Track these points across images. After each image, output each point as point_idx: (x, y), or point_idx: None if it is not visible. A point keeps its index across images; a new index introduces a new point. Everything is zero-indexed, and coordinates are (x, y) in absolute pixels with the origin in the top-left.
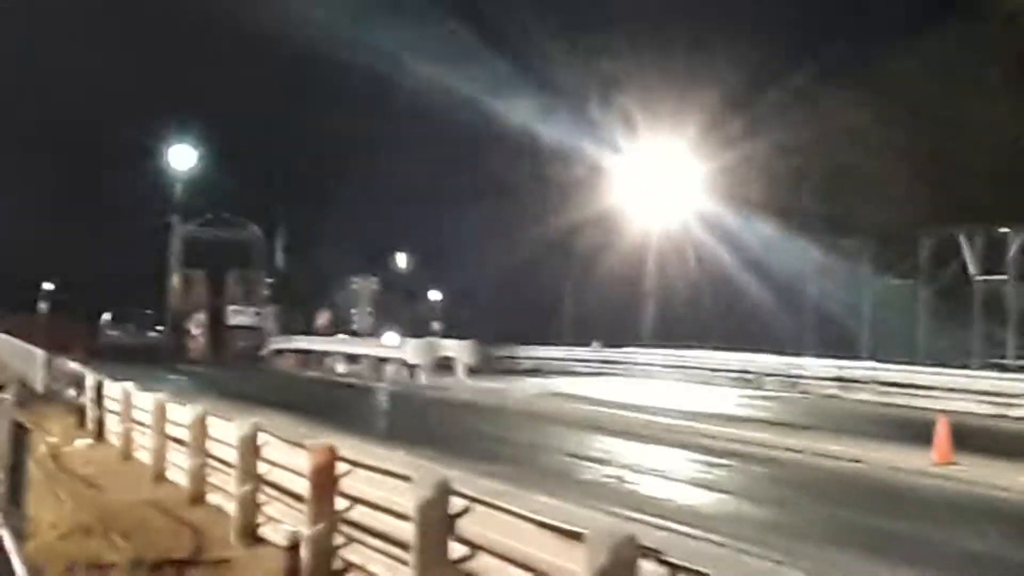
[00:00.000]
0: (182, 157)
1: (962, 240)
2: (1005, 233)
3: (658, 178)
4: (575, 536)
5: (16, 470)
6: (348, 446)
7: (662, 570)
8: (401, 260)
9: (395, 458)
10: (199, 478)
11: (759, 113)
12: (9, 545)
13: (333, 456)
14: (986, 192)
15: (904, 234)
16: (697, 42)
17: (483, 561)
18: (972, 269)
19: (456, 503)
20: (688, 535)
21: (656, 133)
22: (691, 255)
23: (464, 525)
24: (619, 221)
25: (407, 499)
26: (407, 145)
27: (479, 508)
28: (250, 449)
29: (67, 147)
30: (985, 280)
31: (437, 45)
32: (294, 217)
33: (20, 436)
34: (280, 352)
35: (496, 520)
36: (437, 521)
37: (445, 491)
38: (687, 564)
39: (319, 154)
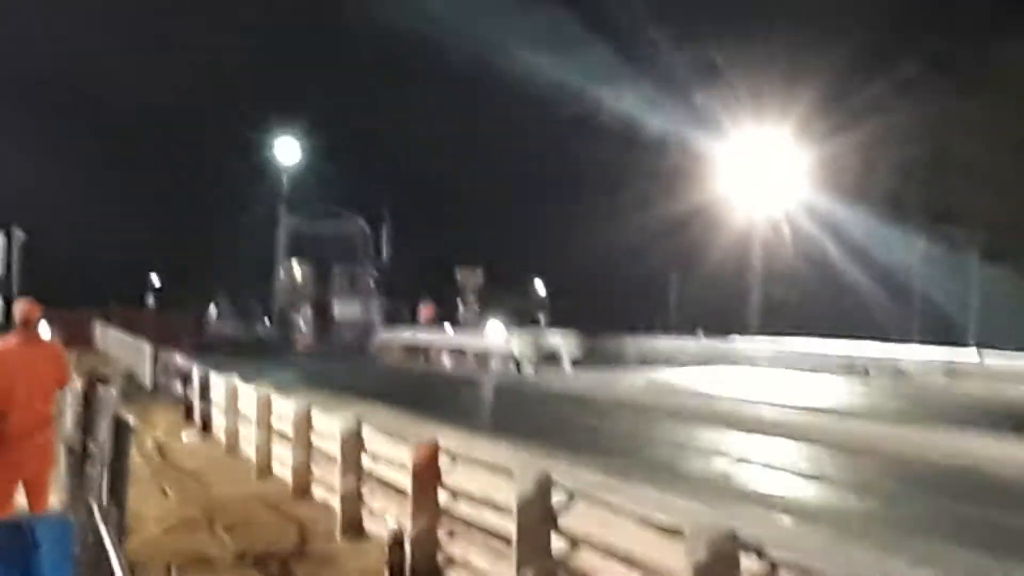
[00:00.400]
0: (288, 150)
1: None
2: None
3: (762, 167)
4: (675, 531)
5: (117, 467)
6: (451, 440)
7: (763, 565)
8: (507, 250)
9: (497, 451)
10: (304, 472)
11: (865, 101)
12: (109, 543)
13: (435, 450)
14: None
15: (1013, 223)
16: (803, 29)
17: (584, 555)
18: None
19: (557, 496)
20: (793, 529)
21: (761, 121)
22: (796, 244)
23: (565, 519)
24: (724, 210)
25: (508, 493)
26: (511, 134)
27: (580, 502)
28: (353, 443)
29: (175, 140)
30: None
31: (541, 33)
32: (399, 209)
33: (122, 432)
34: (386, 345)
35: (597, 514)
36: (537, 515)
37: (546, 484)
38: (788, 558)
39: (424, 145)
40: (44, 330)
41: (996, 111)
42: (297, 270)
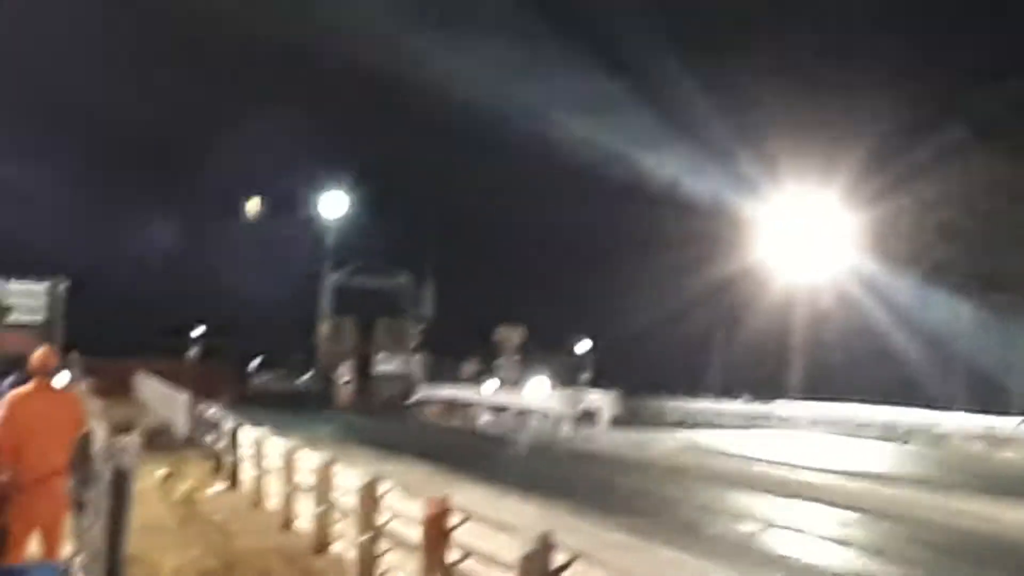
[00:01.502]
0: (333, 204)
1: None
2: None
3: (806, 231)
4: None
5: (115, 516)
6: (462, 497)
7: None
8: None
9: (504, 510)
10: (324, 526)
11: (909, 166)
12: None
13: (446, 507)
14: None
15: None
16: (847, 95)
17: None
18: None
19: (558, 557)
20: None
21: (804, 186)
22: (840, 308)
23: None
24: (767, 273)
25: (512, 551)
26: (557, 195)
27: (579, 562)
28: (370, 498)
29: (218, 193)
30: None
31: (588, 99)
32: (443, 265)
33: (122, 482)
34: (426, 401)
35: (594, 575)
36: (539, 573)
37: (547, 545)
38: None
39: (470, 202)
40: (62, 378)
41: None
42: (340, 325)
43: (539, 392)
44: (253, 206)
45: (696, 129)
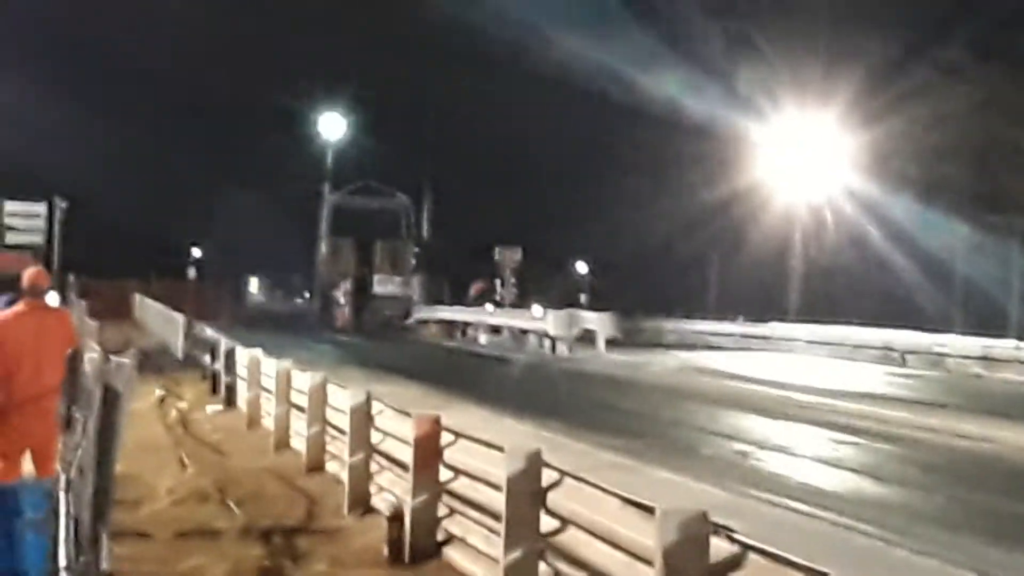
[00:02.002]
0: (332, 125)
1: None
2: None
3: (805, 152)
4: (649, 511)
5: (105, 436)
6: (456, 417)
7: (733, 547)
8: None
9: (496, 429)
10: (318, 446)
11: (908, 86)
12: (63, 512)
13: (437, 426)
14: None
15: None
16: (846, 14)
17: (571, 534)
18: None
19: (548, 475)
20: (802, 512)
21: (803, 107)
22: (838, 229)
23: (554, 498)
24: (765, 195)
25: (501, 471)
26: (555, 116)
27: (568, 481)
28: (363, 418)
29: (220, 115)
30: None
31: (586, 16)
32: (442, 187)
33: (112, 401)
34: (424, 322)
35: (583, 494)
36: (527, 493)
37: (536, 463)
38: (757, 543)
39: (469, 124)
40: (52, 298)
41: None
42: (339, 245)
43: (536, 313)
44: None
45: (695, 50)
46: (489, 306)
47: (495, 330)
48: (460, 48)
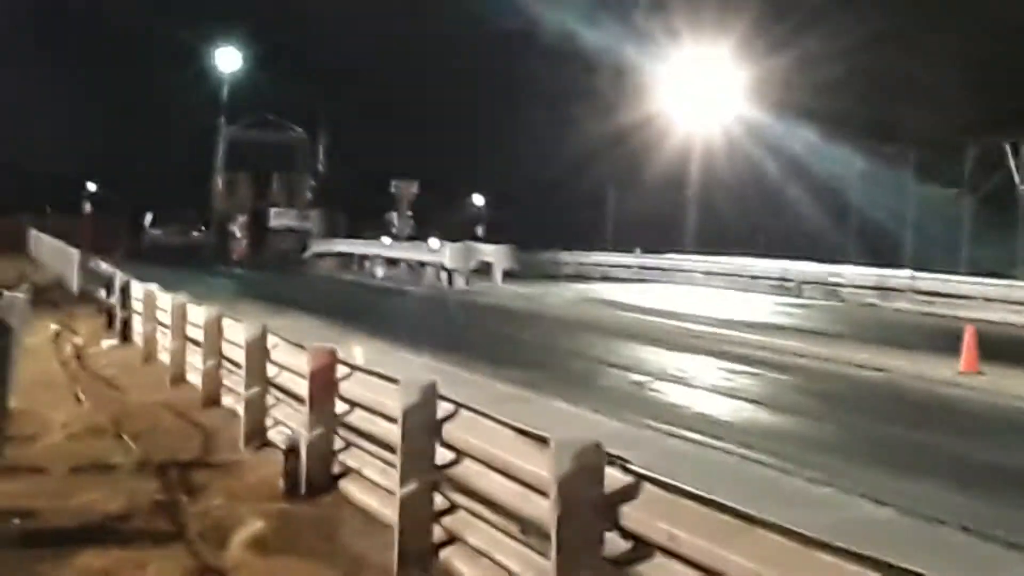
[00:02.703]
0: (228, 58)
1: (1007, 148)
2: None
3: (701, 84)
4: (544, 442)
5: None
6: (351, 349)
7: (627, 478)
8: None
9: (391, 362)
10: (214, 380)
11: (804, 17)
12: None
13: (333, 359)
14: None
15: (949, 142)
16: None
17: (466, 466)
18: (1018, 178)
19: (442, 408)
20: (698, 443)
21: (700, 39)
22: (734, 162)
23: (449, 430)
24: (662, 128)
25: (397, 403)
26: (450, 49)
27: (463, 413)
28: (259, 351)
29: (113, 48)
30: None
31: None
32: (339, 120)
33: (3, 335)
34: (321, 255)
35: (478, 425)
36: (422, 425)
37: (431, 396)
38: (652, 474)
39: (365, 58)
40: None
41: (937, 27)
42: (235, 179)
43: (434, 245)
44: None
45: None
46: (386, 239)
47: (392, 263)
48: None
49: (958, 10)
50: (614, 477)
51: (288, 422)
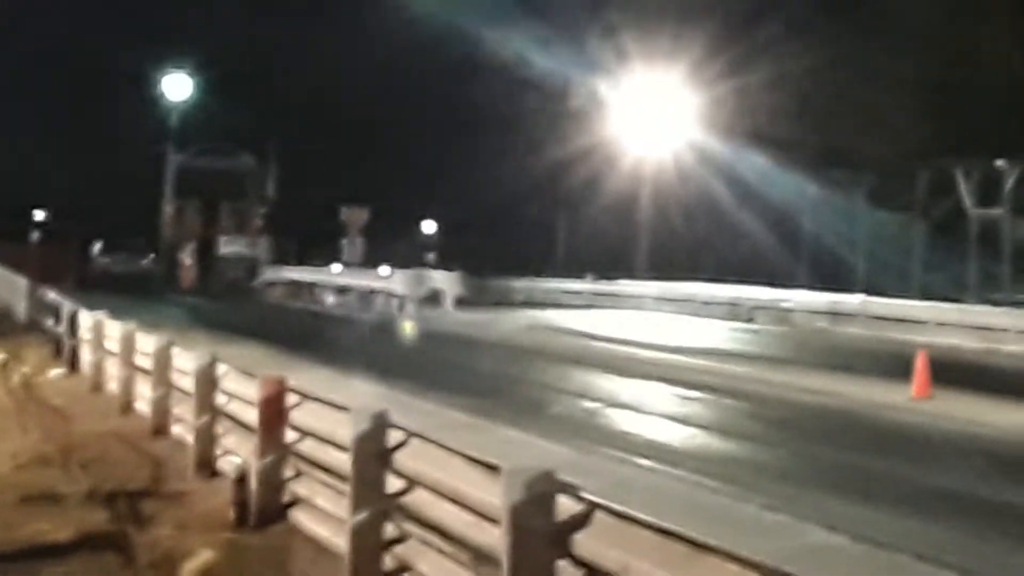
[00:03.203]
0: (177, 86)
1: (958, 173)
2: (1002, 166)
3: (653, 110)
4: (495, 470)
5: None
6: (301, 378)
7: (580, 506)
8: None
9: (341, 390)
10: (163, 409)
11: (757, 42)
12: None
13: (283, 387)
14: (987, 124)
15: (901, 167)
16: None
17: (418, 494)
18: (968, 203)
19: (393, 436)
20: (650, 469)
21: (652, 64)
22: (686, 188)
23: (400, 458)
24: (614, 153)
25: (348, 431)
26: (402, 74)
27: (414, 441)
28: (208, 380)
29: (62, 75)
30: (981, 214)
31: None
32: (288, 147)
33: None
34: (271, 283)
35: (429, 454)
36: (373, 453)
37: (382, 424)
38: (604, 501)
39: (315, 83)
40: None
41: (888, 52)
42: (184, 207)
43: (384, 272)
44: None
45: (543, 5)
46: (336, 266)
47: (342, 291)
48: (305, 6)
49: (908, 37)
50: (566, 505)
51: (238, 451)
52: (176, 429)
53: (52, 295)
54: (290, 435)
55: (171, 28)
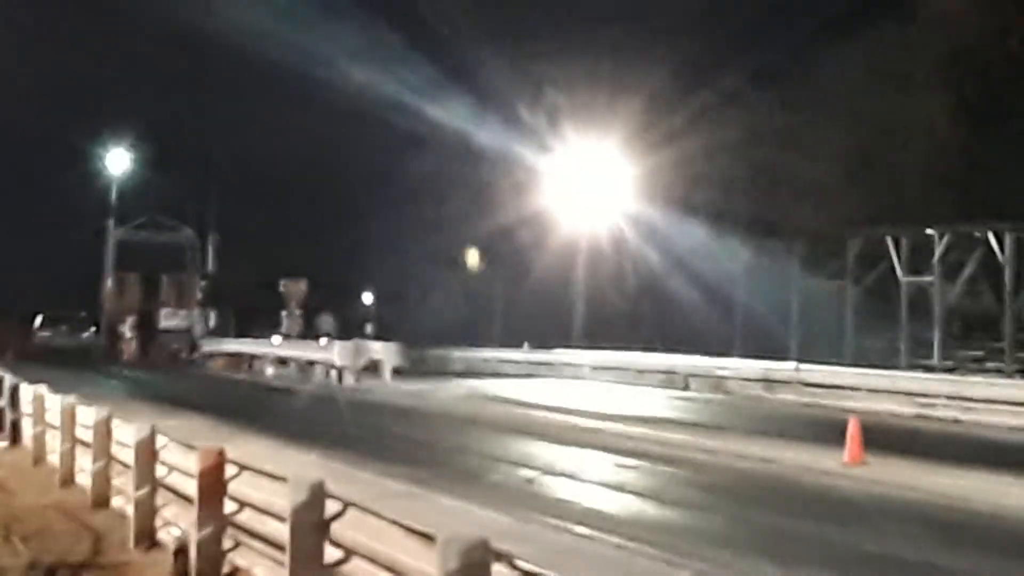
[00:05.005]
0: (117, 160)
1: (888, 241)
2: (931, 234)
3: (588, 180)
4: (431, 539)
5: None
6: (241, 449)
7: (515, 574)
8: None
9: (280, 461)
10: (104, 481)
11: (689, 114)
12: None
13: (222, 459)
14: (916, 193)
15: (832, 235)
16: (625, 44)
17: (355, 564)
18: (899, 270)
19: (331, 506)
20: (586, 537)
21: (586, 135)
22: (621, 257)
23: (338, 528)
24: (549, 223)
25: (286, 502)
26: (339, 148)
27: (352, 511)
28: (148, 452)
29: (2, 150)
30: (911, 281)
31: (368, 48)
32: (228, 219)
33: None
34: (211, 355)
35: (366, 523)
36: (311, 524)
37: (319, 494)
38: (540, 570)
39: (254, 157)
40: None
41: (817, 124)
42: (124, 280)
43: (323, 344)
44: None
45: (479, 79)
46: (276, 338)
47: (282, 362)
48: (245, 81)
49: (838, 108)
50: (502, 574)
51: (178, 522)
52: (117, 501)
53: None
54: (229, 506)
55: (111, 101)
